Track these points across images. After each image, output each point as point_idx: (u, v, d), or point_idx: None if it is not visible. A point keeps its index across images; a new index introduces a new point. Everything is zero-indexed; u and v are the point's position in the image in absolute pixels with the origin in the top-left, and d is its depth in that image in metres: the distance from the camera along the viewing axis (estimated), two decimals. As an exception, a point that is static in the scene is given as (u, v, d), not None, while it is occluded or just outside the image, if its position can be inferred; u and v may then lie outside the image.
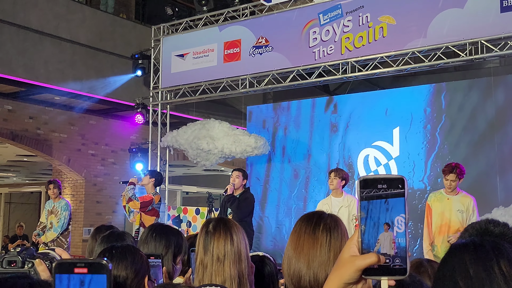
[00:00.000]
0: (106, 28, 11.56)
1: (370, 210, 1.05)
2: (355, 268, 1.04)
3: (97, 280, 0.99)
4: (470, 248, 1.11)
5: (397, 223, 1.05)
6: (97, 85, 11.19)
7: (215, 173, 18.49)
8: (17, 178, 20.08)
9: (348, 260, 1.06)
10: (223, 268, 2.26)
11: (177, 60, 9.94)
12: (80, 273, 0.99)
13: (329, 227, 1.94)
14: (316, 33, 8.36)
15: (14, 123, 10.90)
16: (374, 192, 1.05)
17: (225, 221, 2.38)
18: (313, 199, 9.33)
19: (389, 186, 1.05)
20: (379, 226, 1.05)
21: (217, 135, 9.17)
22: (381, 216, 1.05)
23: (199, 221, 12.58)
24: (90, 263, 0.99)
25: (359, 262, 1.04)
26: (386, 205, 1.05)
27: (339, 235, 1.94)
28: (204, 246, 2.30)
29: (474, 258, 1.09)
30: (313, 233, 1.92)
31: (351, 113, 9.31)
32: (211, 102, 11.85)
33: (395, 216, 1.05)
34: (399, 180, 1.05)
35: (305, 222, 1.97)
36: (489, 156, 7.92)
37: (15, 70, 9.91)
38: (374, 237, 1.05)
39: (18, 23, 10.00)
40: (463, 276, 1.07)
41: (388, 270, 1.04)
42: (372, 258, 1.03)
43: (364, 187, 1.06)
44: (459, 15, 7.23)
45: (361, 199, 1.06)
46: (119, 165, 12.71)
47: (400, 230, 1.04)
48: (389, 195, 1.05)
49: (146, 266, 2.09)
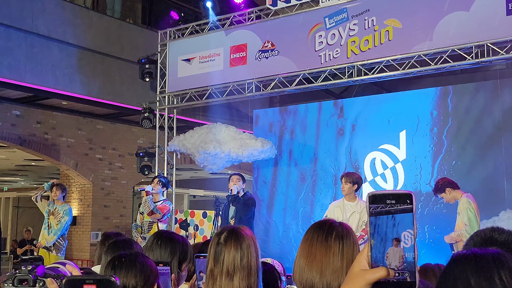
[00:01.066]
0: (113, 33, 11.62)
1: (377, 225, 1.08)
2: (365, 282, 1.07)
3: None
4: (471, 259, 1.14)
5: (403, 238, 1.07)
6: (104, 89, 11.24)
7: (222, 176, 18.49)
8: (25, 182, 20.17)
9: (359, 274, 1.09)
10: (232, 283, 2.22)
11: (184, 64, 9.98)
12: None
13: (341, 235, 1.95)
14: (322, 37, 8.37)
15: (22, 128, 10.96)
16: (382, 207, 1.08)
17: (237, 232, 2.32)
18: (320, 203, 9.33)
19: (397, 202, 1.08)
20: (386, 241, 1.07)
21: (224, 139, 9.19)
22: (388, 231, 1.07)
23: (206, 224, 12.60)
24: (98, 280, 1.01)
25: (369, 276, 1.07)
26: (393, 221, 1.07)
27: (351, 243, 1.94)
28: (215, 257, 2.27)
29: (475, 269, 1.11)
30: (325, 241, 1.92)
31: (358, 117, 9.31)
32: (217, 106, 11.87)
33: (401, 231, 1.07)
34: (407, 195, 1.08)
35: (317, 230, 1.98)
36: (496, 159, 7.91)
37: (23, 75, 9.97)
38: (381, 252, 1.08)
39: (25, 29, 10.07)
40: (464, 286, 1.10)
41: (397, 284, 1.06)
42: (381, 272, 1.05)
43: (373, 202, 1.09)
44: (465, 18, 7.22)
45: (370, 215, 1.09)
46: (126, 169, 12.76)
47: (407, 245, 1.07)
48: (398, 211, 1.07)
49: (156, 273, 2.10)
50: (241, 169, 14.44)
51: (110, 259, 2.16)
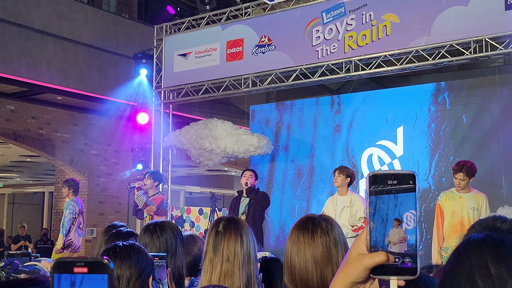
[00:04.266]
0: (109, 28, 11.54)
1: (378, 205, 1.00)
2: (363, 267, 1.00)
3: (98, 280, 0.95)
4: (490, 245, 1.04)
5: (406, 219, 1.00)
6: (100, 84, 11.17)
7: (218, 173, 18.46)
8: (21, 178, 20.09)
9: (356, 259, 1.02)
10: (232, 269, 2.25)
11: (180, 59, 9.91)
12: (80, 272, 0.94)
13: (326, 231, 1.97)
14: (319, 32, 8.32)
15: (16, 123, 10.88)
16: (383, 187, 1.01)
17: (235, 221, 2.37)
18: (316, 199, 9.29)
19: (399, 182, 1.00)
20: (387, 223, 1.00)
21: (220, 135, 9.13)
22: (390, 212, 1.00)
23: (202, 221, 12.57)
24: (90, 262, 0.95)
25: (367, 260, 1.00)
26: (395, 201, 1.00)
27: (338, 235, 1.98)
28: (214, 246, 2.30)
29: (495, 257, 1.02)
30: (312, 241, 1.94)
31: (355, 112, 9.27)
32: (213, 102, 11.82)
33: (404, 212, 1.00)
34: (410, 175, 1.00)
35: (301, 230, 1.99)
36: (494, 155, 7.87)
37: (18, 70, 9.89)
38: (382, 234, 1.00)
39: (20, 23, 9.99)
40: (483, 276, 1.00)
41: (397, 270, 0.99)
42: (380, 257, 0.98)
43: (373, 182, 1.01)
44: (463, 12, 7.17)
45: (370, 194, 1.01)
46: (121, 165, 12.69)
47: (409, 226, 0.99)
48: (400, 191, 1.00)
49: (151, 265, 2.05)
50: (237, 165, 14.40)
51: (105, 249, 2.10)
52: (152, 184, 7.71)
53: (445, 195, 6.29)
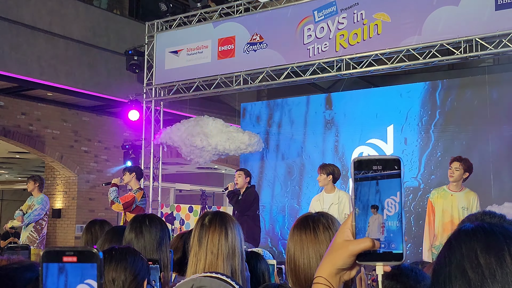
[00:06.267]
0: (100, 24, 11.49)
1: (361, 191, 1.01)
2: (348, 253, 1.00)
3: (87, 269, 0.95)
4: (481, 235, 1.05)
5: (387, 205, 1.00)
6: (90, 81, 11.13)
7: (208, 171, 18.44)
8: (10, 175, 19.97)
9: (342, 245, 1.02)
10: (216, 262, 2.26)
11: (171, 56, 9.89)
12: (69, 262, 0.95)
13: (328, 225, 1.98)
14: (310, 30, 8.34)
15: (6, 119, 10.82)
16: (367, 173, 1.01)
17: (221, 215, 2.38)
18: (306, 196, 9.31)
19: (384, 167, 1.00)
20: (368, 210, 1.00)
21: (211, 132, 9.13)
22: (370, 198, 1.00)
23: (192, 219, 12.56)
24: (79, 251, 0.95)
25: (353, 247, 1.00)
26: (377, 187, 1.00)
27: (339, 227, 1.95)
28: (199, 239, 2.32)
29: (485, 247, 1.03)
30: (315, 238, 1.94)
31: (345, 111, 9.30)
32: (205, 99, 11.80)
33: (385, 198, 1.00)
34: (395, 161, 1.01)
35: (303, 228, 1.99)
36: (483, 154, 7.92)
37: (8, 65, 9.83)
38: (364, 221, 1.01)
39: (11, 18, 9.91)
40: (473, 265, 1.01)
41: (383, 256, 0.99)
42: (366, 243, 0.99)
43: (358, 168, 1.01)
44: (454, 12, 7.21)
45: (354, 181, 1.01)
46: (112, 162, 12.65)
47: (390, 213, 0.99)
48: (384, 177, 1.00)
49: (146, 269, 2.05)
50: (228, 163, 14.41)
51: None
52: (130, 177, 7.48)
53: (437, 193, 6.23)
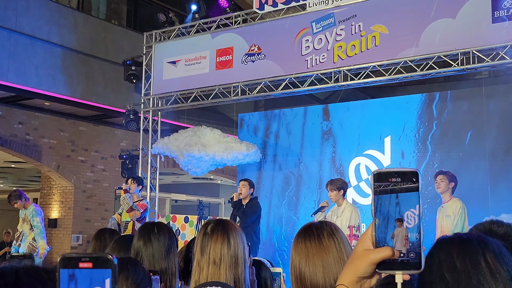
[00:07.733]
0: (98, 34, 11.53)
1: (380, 204, 1.05)
2: (369, 262, 1.04)
3: (103, 274, 0.97)
4: (457, 242, 1.13)
5: (406, 218, 1.05)
6: (88, 91, 11.14)
7: (204, 181, 18.44)
8: (4, 185, 19.90)
9: (362, 254, 1.06)
10: (218, 271, 2.24)
11: (169, 67, 9.92)
12: (85, 267, 0.97)
13: (332, 232, 1.98)
14: (308, 42, 8.38)
15: (3, 129, 10.81)
16: (386, 186, 1.05)
17: (224, 223, 2.37)
18: (304, 207, 9.32)
19: (402, 180, 1.05)
20: (389, 221, 1.05)
21: (209, 142, 9.14)
22: (391, 210, 1.05)
23: (188, 229, 12.53)
24: (95, 258, 0.98)
25: (373, 255, 1.04)
26: (396, 200, 1.05)
27: (341, 235, 1.98)
28: (201, 247, 2.30)
29: (460, 252, 1.11)
30: (320, 244, 1.94)
31: (343, 122, 9.33)
32: (202, 110, 11.83)
33: (405, 210, 1.05)
34: (413, 173, 1.05)
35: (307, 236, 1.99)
36: (479, 166, 7.96)
37: (6, 75, 9.84)
38: (384, 232, 1.05)
39: (9, 28, 9.94)
40: (449, 269, 1.09)
41: (402, 265, 1.04)
42: (386, 252, 1.03)
43: (377, 180, 1.06)
44: (451, 25, 7.27)
45: (374, 193, 1.06)
46: (109, 172, 12.64)
47: (410, 225, 1.04)
48: (403, 189, 1.05)
49: (148, 279, 2.05)
50: (225, 173, 14.41)
51: None
52: (136, 188, 7.82)
53: (438, 210, 6.76)
